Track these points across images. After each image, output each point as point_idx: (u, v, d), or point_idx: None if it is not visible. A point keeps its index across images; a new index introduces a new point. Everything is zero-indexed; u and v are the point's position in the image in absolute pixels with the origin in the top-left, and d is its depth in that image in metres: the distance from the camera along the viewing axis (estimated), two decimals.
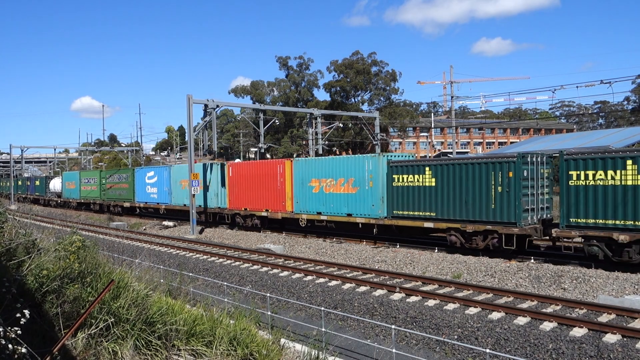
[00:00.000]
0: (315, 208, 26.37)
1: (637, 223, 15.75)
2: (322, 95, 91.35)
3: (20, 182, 75.84)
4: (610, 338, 10.84)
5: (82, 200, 52.37)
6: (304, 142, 75.10)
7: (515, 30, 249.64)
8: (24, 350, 4.33)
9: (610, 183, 16.25)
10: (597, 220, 16.58)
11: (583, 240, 17.12)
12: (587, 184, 16.77)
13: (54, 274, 6.01)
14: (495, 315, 12.80)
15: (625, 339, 10.78)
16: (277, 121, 63.62)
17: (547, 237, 18.92)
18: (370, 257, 21.13)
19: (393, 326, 10.31)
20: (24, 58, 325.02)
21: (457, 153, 71.56)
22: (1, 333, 4.19)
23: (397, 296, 14.99)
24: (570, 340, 10.94)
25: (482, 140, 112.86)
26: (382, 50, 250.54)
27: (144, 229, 36.56)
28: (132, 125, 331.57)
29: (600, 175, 16.47)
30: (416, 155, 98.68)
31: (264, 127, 39.24)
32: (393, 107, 74.11)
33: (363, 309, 14.44)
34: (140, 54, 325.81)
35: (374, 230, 23.76)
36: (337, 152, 79.49)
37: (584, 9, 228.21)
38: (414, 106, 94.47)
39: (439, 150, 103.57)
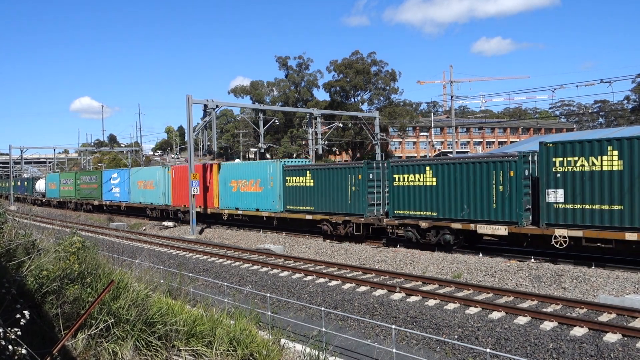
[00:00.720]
0: (234, 204, 31.56)
1: (432, 213, 20.60)
2: (321, 95, 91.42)
3: (12, 183, 76.76)
4: (611, 337, 10.84)
5: (62, 200, 56.81)
6: (303, 142, 75.11)
7: (515, 30, 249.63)
8: (24, 351, 4.32)
9: (417, 184, 21.13)
10: (410, 212, 21.42)
11: (403, 227, 21.74)
12: (404, 184, 21.60)
13: (53, 275, 5.99)
14: (496, 315, 12.80)
15: (625, 339, 10.78)
16: (276, 121, 63.62)
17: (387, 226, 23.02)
18: (370, 257, 21.13)
19: (393, 326, 10.31)
20: (23, 58, 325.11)
21: (457, 152, 71.56)
22: (1, 334, 4.18)
23: (397, 296, 14.99)
24: (571, 339, 10.94)
25: (482, 140, 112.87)
26: (381, 50, 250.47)
27: (144, 230, 36.57)
28: (131, 125, 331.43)
29: (411, 177, 21.34)
30: (417, 155, 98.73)
31: (263, 127, 39.24)
32: (393, 106, 74.11)
33: (363, 309, 14.44)
34: (139, 54, 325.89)
35: (274, 222, 29.08)
36: (337, 152, 79.56)
37: (584, 8, 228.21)
38: (414, 106, 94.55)
39: (439, 150, 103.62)
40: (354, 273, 18.47)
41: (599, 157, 16.09)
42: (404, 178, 21.58)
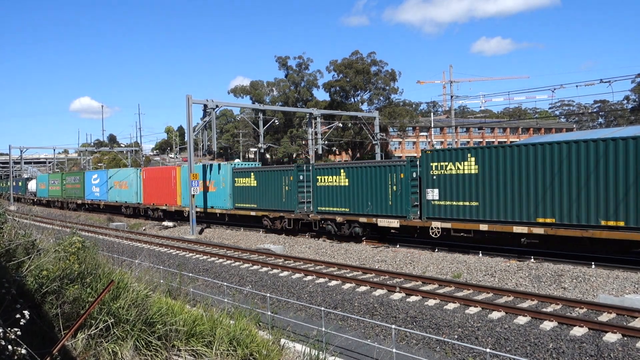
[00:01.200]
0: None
1: (345, 209, 23.98)
2: (321, 95, 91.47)
3: (7, 184, 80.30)
4: (611, 337, 10.84)
5: (50, 199, 60.72)
6: (303, 142, 75.09)
7: (515, 30, 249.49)
8: (23, 351, 4.32)
9: (334, 184, 24.45)
10: (329, 208, 24.78)
11: (324, 221, 24.99)
12: (325, 184, 24.96)
13: (53, 275, 5.99)
14: (496, 315, 12.80)
15: (625, 338, 10.78)
16: (276, 121, 63.61)
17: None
18: (370, 257, 21.13)
19: (393, 326, 10.31)
20: (23, 58, 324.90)
21: None
22: (1, 334, 4.18)
23: (397, 296, 14.99)
24: (571, 339, 10.94)
25: (481, 140, 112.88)
26: (381, 50, 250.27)
27: (144, 230, 36.56)
28: (131, 125, 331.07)
29: (330, 178, 24.67)
30: (417, 154, 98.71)
31: (263, 127, 39.24)
32: (393, 106, 74.11)
33: (363, 308, 14.44)
34: (139, 53, 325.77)
35: (226, 217, 32.60)
36: (337, 152, 79.54)
37: (585, 8, 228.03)
38: (414, 106, 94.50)
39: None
40: (353, 273, 18.47)
41: (462, 163, 19.35)
42: (324, 179, 24.97)
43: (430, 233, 20.26)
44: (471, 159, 19.02)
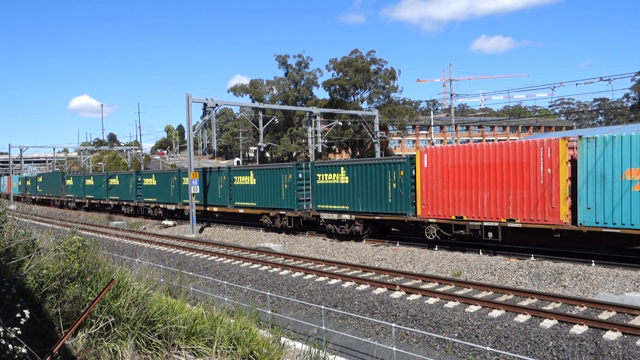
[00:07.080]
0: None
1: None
2: (321, 93, 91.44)
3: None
4: (611, 335, 10.85)
5: None
6: (303, 141, 75.05)
7: (515, 28, 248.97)
8: (24, 350, 4.32)
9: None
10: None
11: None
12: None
13: (53, 274, 5.99)
14: (496, 313, 12.81)
15: (625, 337, 10.78)
16: (276, 120, 63.62)
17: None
18: (370, 256, 21.13)
19: (393, 324, 10.31)
20: (21, 56, 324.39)
21: None
22: (1, 333, 4.18)
23: (397, 294, 14.99)
24: (571, 337, 10.95)
25: (481, 138, 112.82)
26: (380, 48, 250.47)
27: (144, 228, 36.54)
28: (131, 124, 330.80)
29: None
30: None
31: (263, 125, 39.22)
32: (392, 105, 74.15)
33: (363, 307, 14.44)
34: (138, 52, 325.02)
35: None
36: (337, 151, 79.53)
37: (586, 6, 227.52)
38: (414, 104, 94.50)
39: None
40: (353, 271, 18.47)
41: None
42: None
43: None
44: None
